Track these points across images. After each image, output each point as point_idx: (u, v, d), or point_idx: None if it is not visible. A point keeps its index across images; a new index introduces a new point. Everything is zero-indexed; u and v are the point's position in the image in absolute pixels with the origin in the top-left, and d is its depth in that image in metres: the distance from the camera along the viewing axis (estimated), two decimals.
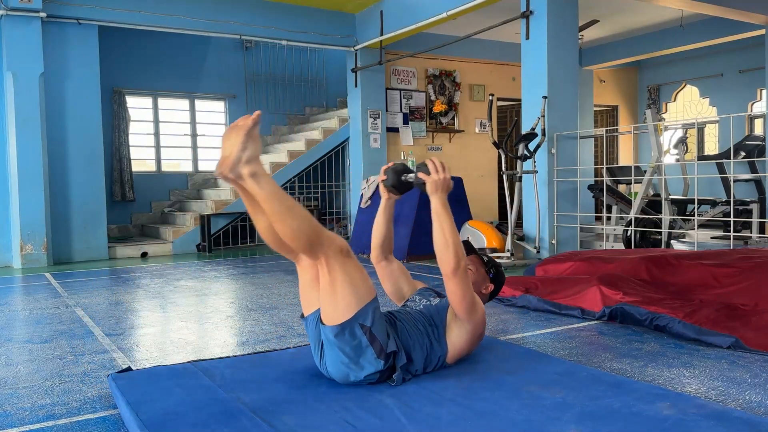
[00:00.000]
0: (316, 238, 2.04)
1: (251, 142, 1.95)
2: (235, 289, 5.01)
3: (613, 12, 8.75)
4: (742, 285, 3.54)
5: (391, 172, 2.43)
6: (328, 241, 2.07)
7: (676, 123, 10.24)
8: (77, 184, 7.05)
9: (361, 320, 2.09)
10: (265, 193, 1.98)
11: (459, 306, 2.25)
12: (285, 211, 1.99)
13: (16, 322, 3.85)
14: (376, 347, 2.12)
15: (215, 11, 7.67)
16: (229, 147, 1.96)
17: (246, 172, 1.96)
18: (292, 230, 2.01)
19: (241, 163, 1.95)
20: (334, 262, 2.07)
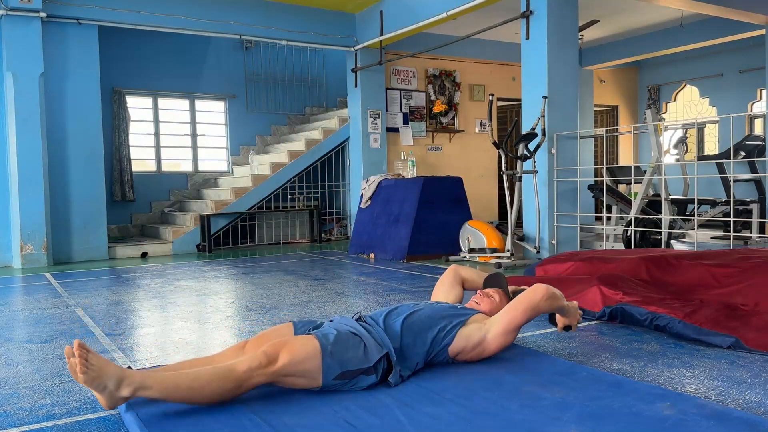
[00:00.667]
0: (236, 385, 1.99)
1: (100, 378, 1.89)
2: (235, 289, 5.01)
3: (613, 12, 8.75)
4: (742, 285, 3.53)
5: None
6: (247, 373, 2.00)
7: (676, 123, 10.24)
8: (77, 184, 7.05)
9: (332, 376, 2.11)
10: (162, 393, 1.93)
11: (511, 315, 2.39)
12: (191, 392, 1.96)
13: (16, 322, 3.85)
14: (364, 372, 2.15)
15: (215, 11, 7.67)
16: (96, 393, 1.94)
17: (127, 395, 1.92)
18: (214, 397, 1.99)
19: (116, 396, 1.92)
20: (269, 378, 2.04)
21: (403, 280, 5.07)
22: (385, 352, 2.18)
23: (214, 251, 7.88)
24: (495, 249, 6.07)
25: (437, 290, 2.88)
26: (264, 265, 6.37)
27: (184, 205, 8.74)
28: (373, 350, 2.17)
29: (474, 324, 2.41)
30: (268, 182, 8.43)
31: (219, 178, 9.22)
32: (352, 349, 2.15)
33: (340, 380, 2.11)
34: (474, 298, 2.70)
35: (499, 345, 2.40)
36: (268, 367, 2.02)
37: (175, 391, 1.94)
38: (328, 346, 2.12)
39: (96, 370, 1.89)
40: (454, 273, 2.92)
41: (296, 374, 2.07)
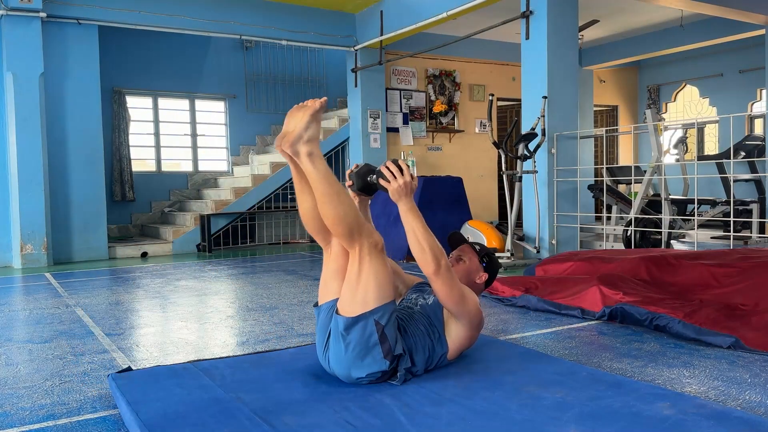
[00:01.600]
0: (356, 226, 2.09)
1: (314, 123, 2.07)
2: (235, 289, 5.01)
3: (613, 12, 8.75)
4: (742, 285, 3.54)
5: (355, 177, 2.37)
6: (367, 233, 2.12)
7: (676, 123, 10.24)
8: (77, 184, 7.05)
9: (377, 317, 2.09)
10: (318, 173, 2.07)
11: (448, 302, 2.25)
12: (333, 195, 2.06)
13: (16, 322, 3.85)
14: (384, 347, 2.11)
15: (215, 11, 7.67)
16: (292, 124, 2.08)
17: (304, 151, 2.07)
18: (337, 214, 2.06)
19: (302, 141, 2.06)
20: (366, 254, 2.10)
21: None
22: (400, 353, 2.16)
23: (214, 251, 7.88)
24: (495, 249, 6.07)
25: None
26: (264, 265, 6.37)
27: (184, 205, 8.74)
28: (399, 345, 2.17)
29: (451, 321, 2.33)
30: (268, 182, 8.43)
31: (219, 178, 9.22)
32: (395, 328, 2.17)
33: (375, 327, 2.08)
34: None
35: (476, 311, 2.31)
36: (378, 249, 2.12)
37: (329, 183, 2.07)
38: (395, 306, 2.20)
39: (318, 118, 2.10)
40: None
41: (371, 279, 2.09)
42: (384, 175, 2.24)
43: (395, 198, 2.24)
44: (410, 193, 2.24)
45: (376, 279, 2.11)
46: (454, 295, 2.22)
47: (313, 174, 2.07)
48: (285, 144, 2.08)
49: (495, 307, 3.88)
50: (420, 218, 2.24)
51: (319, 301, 2.29)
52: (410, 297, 2.50)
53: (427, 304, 2.39)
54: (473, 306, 2.31)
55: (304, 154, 2.07)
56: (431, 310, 2.36)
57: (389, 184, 2.23)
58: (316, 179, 2.07)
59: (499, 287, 4.10)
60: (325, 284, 2.29)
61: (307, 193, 2.22)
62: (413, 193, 2.26)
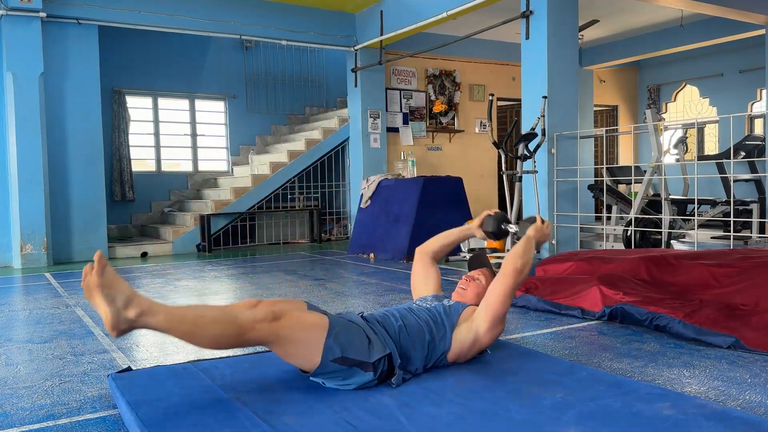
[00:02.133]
0: (237, 332, 1.98)
1: (111, 289, 1.90)
2: (235, 289, 5.01)
3: (613, 12, 8.75)
4: (742, 285, 3.54)
5: (491, 220, 2.71)
6: (250, 323, 2.00)
7: (676, 123, 10.24)
8: (77, 184, 7.05)
9: (330, 357, 2.08)
10: (164, 323, 1.93)
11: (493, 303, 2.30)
12: (194, 328, 1.96)
13: (16, 322, 3.85)
14: (361, 367, 2.12)
15: (215, 11, 7.67)
16: (101, 310, 1.91)
17: (132, 317, 1.90)
18: (212, 341, 2.00)
19: (122, 314, 1.90)
20: (270, 334, 2.03)
21: (403, 280, 5.06)
22: (387, 353, 2.17)
23: (214, 251, 7.88)
24: (495, 249, 6.07)
25: (414, 280, 2.82)
26: (264, 265, 6.37)
27: (184, 205, 8.74)
28: (377, 348, 2.16)
29: (464, 324, 2.36)
30: (268, 182, 8.43)
31: (219, 178, 9.22)
32: (358, 339, 2.15)
33: (337, 365, 2.08)
34: (460, 284, 2.64)
35: (491, 339, 2.38)
36: (272, 323, 2.02)
37: (179, 323, 1.94)
38: (336, 326, 2.13)
39: (110, 280, 1.90)
40: (420, 256, 2.85)
41: (297, 342, 2.06)
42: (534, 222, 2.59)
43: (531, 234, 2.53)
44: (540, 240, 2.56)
45: (297, 338, 2.07)
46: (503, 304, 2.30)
47: (162, 326, 1.93)
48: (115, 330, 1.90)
49: None
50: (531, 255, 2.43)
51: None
52: (426, 298, 2.56)
53: (442, 305, 2.44)
54: (499, 328, 2.37)
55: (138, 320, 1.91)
56: (445, 309, 2.40)
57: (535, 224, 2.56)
58: (167, 329, 1.94)
59: None
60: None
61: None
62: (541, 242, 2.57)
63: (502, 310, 2.31)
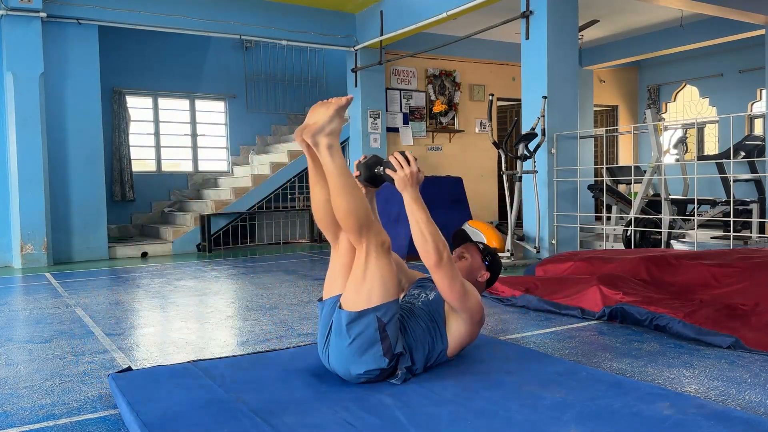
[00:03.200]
0: (366, 222, 2.12)
1: (338, 119, 2.13)
2: (235, 289, 5.01)
3: (613, 12, 8.75)
4: (742, 285, 3.54)
5: (363, 167, 2.41)
6: (376, 230, 2.15)
7: (676, 123, 10.24)
8: (77, 184, 7.05)
9: (380, 314, 2.10)
10: (335, 166, 2.10)
11: (450, 296, 2.26)
12: (347, 189, 2.10)
13: (16, 322, 3.85)
14: (384, 345, 2.12)
15: (215, 11, 7.66)
16: (314, 117, 2.13)
17: (324, 142, 2.11)
18: (348, 208, 2.09)
19: (323, 133, 2.11)
20: (373, 251, 2.12)
21: None
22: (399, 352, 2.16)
23: (214, 251, 7.88)
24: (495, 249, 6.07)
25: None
26: (264, 265, 6.37)
27: (184, 205, 8.74)
28: (400, 344, 2.17)
29: (452, 318, 2.33)
30: (268, 182, 8.43)
31: (219, 178, 9.22)
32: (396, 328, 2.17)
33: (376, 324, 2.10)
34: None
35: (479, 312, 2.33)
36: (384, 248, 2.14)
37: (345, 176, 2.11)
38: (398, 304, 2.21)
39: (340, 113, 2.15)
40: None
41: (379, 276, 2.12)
42: (391, 164, 2.28)
43: (401, 187, 2.26)
44: (416, 184, 2.27)
45: (381, 277, 2.13)
46: (456, 288, 2.23)
47: (330, 166, 2.11)
48: (306, 134, 2.12)
49: (495, 307, 3.88)
50: (424, 209, 2.25)
51: (323, 296, 2.30)
52: (412, 293, 2.50)
53: (429, 300, 2.39)
54: (475, 301, 2.30)
55: (323, 146, 2.11)
56: (432, 305, 2.37)
57: (396, 174, 2.26)
58: (332, 171, 2.10)
59: (499, 287, 4.10)
60: (331, 280, 2.30)
61: (320, 186, 2.25)
62: (419, 184, 2.28)
63: (457, 292, 2.23)
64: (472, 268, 2.51)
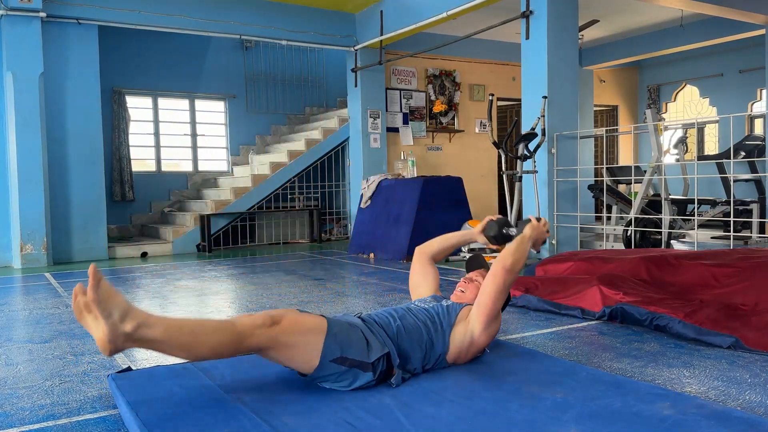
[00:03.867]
0: (236, 339, 1.98)
1: (108, 303, 1.83)
2: (235, 289, 5.01)
3: (613, 12, 8.75)
4: (742, 285, 3.54)
5: (493, 224, 2.73)
6: (250, 329, 1.99)
7: (676, 123, 10.24)
8: (77, 184, 7.05)
9: (329, 357, 2.08)
10: (163, 334, 1.89)
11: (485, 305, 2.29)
12: (193, 338, 1.95)
13: (16, 322, 3.85)
14: (360, 366, 2.12)
15: (215, 11, 7.67)
16: (95, 329, 1.85)
17: (130, 330, 1.85)
18: (211, 350, 1.99)
19: (119, 328, 1.84)
20: (269, 340, 2.03)
21: (403, 280, 5.06)
22: (386, 352, 2.17)
23: (214, 251, 7.88)
24: (495, 249, 6.07)
25: (413, 281, 2.83)
26: (264, 265, 6.37)
27: (184, 205, 8.74)
28: (375, 348, 2.16)
29: (461, 325, 2.36)
30: (268, 182, 8.43)
31: (219, 178, 9.22)
32: (356, 339, 2.15)
33: (337, 365, 2.08)
34: (459, 287, 2.65)
35: (488, 338, 2.37)
36: (271, 327, 2.02)
37: (177, 334, 1.92)
38: (335, 327, 2.14)
39: (105, 294, 1.83)
40: (419, 256, 2.86)
41: (296, 345, 2.06)
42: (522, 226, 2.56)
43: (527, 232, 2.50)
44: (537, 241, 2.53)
45: (296, 342, 2.06)
46: (497, 305, 2.30)
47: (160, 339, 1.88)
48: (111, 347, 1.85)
49: None
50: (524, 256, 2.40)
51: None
52: (425, 299, 2.56)
53: (441, 305, 2.44)
54: (495, 327, 2.37)
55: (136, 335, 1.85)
56: (444, 309, 2.40)
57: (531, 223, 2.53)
58: (165, 342, 1.90)
59: None
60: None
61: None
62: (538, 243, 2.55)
63: (494, 308, 2.30)
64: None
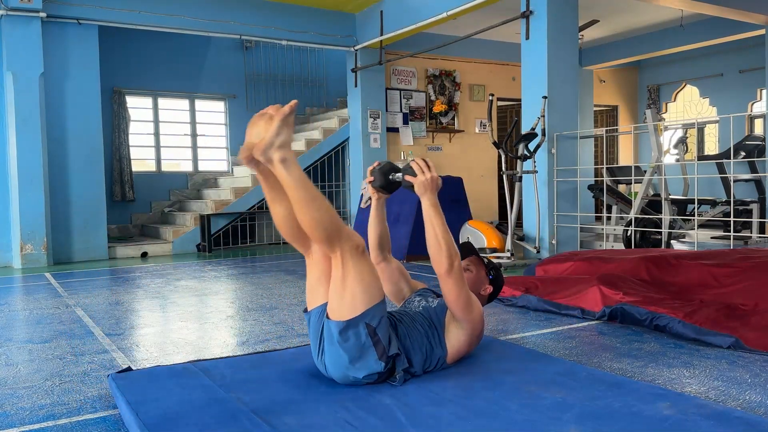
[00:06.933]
0: (335, 230, 2.06)
1: (286, 129, 1.98)
2: (235, 289, 5.01)
3: (613, 12, 8.75)
4: (742, 285, 3.54)
5: (378, 173, 2.43)
6: (347, 236, 2.08)
7: (676, 123, 10.24)
8: (77, 184, 7.05)
9: (368, 320, 2.08)
10: (293, 179, 2.00)
11: (455, 305, 2.25)
12: (310, 200, 2.02)
13: (16, 322, 3.85)
14: (378, 349, 2.11)
15: (215, 11, 7.67)
16: (257, 133, 2.00)
17: (277, 157, 1.98)
18: (314, 219, 2.03)
19: (273, 147, 1.97)
20: (349, 257, 2.08)
21: None
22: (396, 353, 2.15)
23: (214, 251, 7.88)
24: (495, 249, 6.07)
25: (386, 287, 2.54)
26: (264, 265, 6.36)
27: (184, 205, 8.74)
28: (393, 345, 2.16)
29: (452, 326, 2.33)
30: None
31: (219, 178, 9.22)
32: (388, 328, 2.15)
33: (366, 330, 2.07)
34: None
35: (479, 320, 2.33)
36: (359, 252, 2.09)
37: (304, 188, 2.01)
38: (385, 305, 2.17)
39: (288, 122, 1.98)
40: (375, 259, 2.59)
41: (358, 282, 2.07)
42: (411, 169, 2.28)
43: (420, 192, 2.27)
44: (435, 189, 2.28)
45: (362, 282, 2.09)
46: (462, 298, 2.23)
47: (288, 180, 2.00)
48: (256, 152, 1.99)
49: (495, 307, 3.88)
50: (441, 216, 2.25)
51: (308, 307, 2.28)
52: (413, 299, 2.52)
53: (430, 307, 2.40)
54: (477, 313, 2.32)
55: (277, 161, 1.98)
56: (434, 312, 2.37)
57: (416, 178, 2.27)
58: (291, 185, 2.01)
59: None
60: (311, 290, 2.26)
61: (279, 202, 2.17)
62: (437, 190, 2.29)
63: (463, 300, 2.23)
64: (476, 280, 2.51)
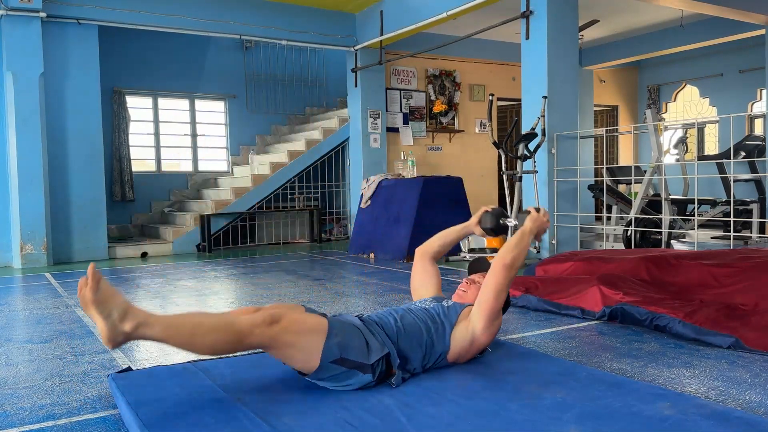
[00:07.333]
0: (235, 339, 1.97)
1: (107, 304, 1.87)
2: (235, 289, 5.01)
3: (613, 12, 8.75)
4: (742, 285, 3.54)
5: (489, 216, 2.71)
6: (250, 328, 1.98)
7: (676, 123, 10.24)
8: (77, 184, 7.05)
9: (330, 358, 2.08)
10: (161, 334, 1.92)
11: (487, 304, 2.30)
12: (191, 338, 1.95)
13: (16, 322, 3.85)
14: (360, 369, 2.12)
15: (215, 11, 7.67)
16: (97, 323, 1.90)
17: (129, 330, 1.89)
18: (211, 348, 1.99)
19: (118, 328, 1.88)
20: (269, 339, 2.02)
21: (403, 281, 5.06)
22: (386, 353, 2.17)
23: (214, 251, 7.88)
24: (495, 249, 6.07)
25: (414, 282, 2.82)
26: (264, 265, 6.36)
27: (184, 205, 8.74)
28: (375, 349, 2.16)
29: (462, 324, 2.36)
30: (268, 182, 8.43)
31: (219, 178, 9.22)
32: (356, 341, 2.14)
33: (336, 365, 2.07)
34: (461, 287, 2.64)
35: (490, 336, 2.37)
36: (271, 326, 2.00)
37: (177, 332, 1.93)
38: (335, 328, 2.13)
39: (105, 294, 1.87)
40: (421, 256, 2.85)
41: (296, 345, 2.05)
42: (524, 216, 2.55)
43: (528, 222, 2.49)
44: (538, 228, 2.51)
45: (297, 341, 2.06)
46: (497, 299, 2.31)
47: (159, 337, 1.91)
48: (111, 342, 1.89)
49: None
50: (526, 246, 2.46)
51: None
52: (426, 300, 2.56)
53: (443, 305, 2.44)
54: (497, 325, 2.37)
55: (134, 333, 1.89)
56: (444, 309, 2.40)
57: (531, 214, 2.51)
58: (164, 339, 1.92)
59: None
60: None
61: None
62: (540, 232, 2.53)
63: (495, 306, 2.31)
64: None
